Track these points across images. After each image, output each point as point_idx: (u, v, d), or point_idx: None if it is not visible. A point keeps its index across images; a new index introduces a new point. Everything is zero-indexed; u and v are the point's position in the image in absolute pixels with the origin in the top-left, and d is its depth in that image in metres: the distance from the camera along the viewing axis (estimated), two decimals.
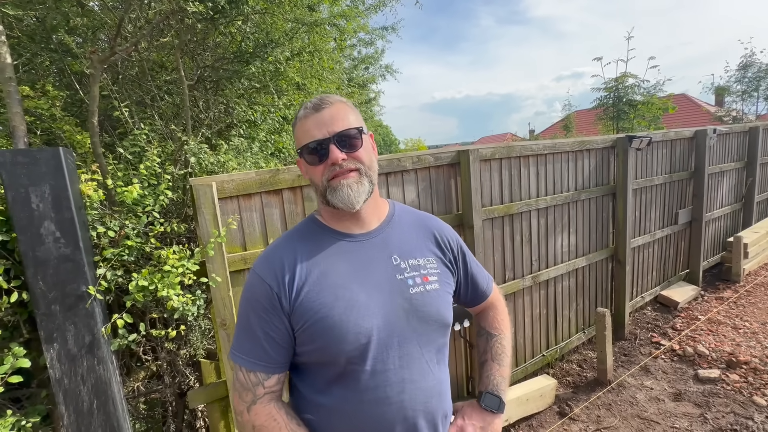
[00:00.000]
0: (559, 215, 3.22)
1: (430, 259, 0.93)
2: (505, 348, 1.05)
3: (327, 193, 0.85)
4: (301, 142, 0.86)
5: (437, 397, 0.88)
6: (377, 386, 0.81)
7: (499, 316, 1.10)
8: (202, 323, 2.19)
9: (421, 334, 0.86)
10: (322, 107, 0.85)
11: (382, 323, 0.82)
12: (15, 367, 1.30)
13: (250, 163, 2.65)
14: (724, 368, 3.07)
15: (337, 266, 0.85)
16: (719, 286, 4.61)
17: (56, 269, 1.39)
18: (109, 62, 2.13)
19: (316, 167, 0.86)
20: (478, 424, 0.95)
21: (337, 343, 0.79)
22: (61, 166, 1.39)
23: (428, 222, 1.01)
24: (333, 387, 0.83)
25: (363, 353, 0.80)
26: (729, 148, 5.05)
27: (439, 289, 0.91)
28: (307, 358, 0.85)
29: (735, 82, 10.92)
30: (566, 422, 2.68)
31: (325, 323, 0.80)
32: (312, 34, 3.54)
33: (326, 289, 0.82)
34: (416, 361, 0.85)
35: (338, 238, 0.89)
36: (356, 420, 0.82)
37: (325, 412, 0.84)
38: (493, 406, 0.96)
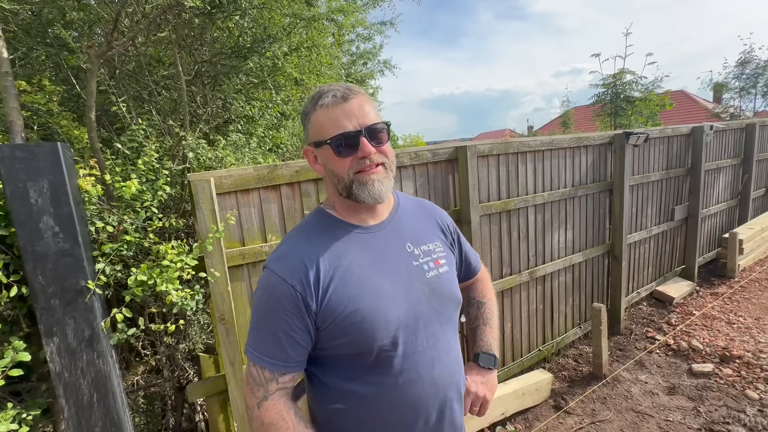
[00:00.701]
0: (556, 211, 3.24)
1: (437, 243, 0.99)
2: (494, 313, 1.17)
3: (353, 187, 0.84)
4: (328, 131, 0.82)
5: (459, 368, 0.97)
6: (410, 368, 0.86)
7: (486, 287, 1.21)
8: (200, 318, 2.20)
9: (441, 314, 0.92)
10: (350, 97, 0.83)
11: (408, 309, 0.86)
12: (15, 360, 1.31)
13: (248, 159, 2.65)
14: (718, 362, 3.11)
15: (359, 259, 0.87)
16: (714, 281, 4.65)
17: (55, 264, 1.39)
18: (106, 57, 2.12)
19: (343, 159, 0.83)
20: (479, 380, 1.05)
21: (371, 334, 0.81)
22: (59, 161, 1.39)
23: (428, 207, 1.08)
24: (366, 375, 0.85)
25: (394, 340, 0.84)
26: (725, 145, 5.07)
27: (449, 270, 0.97)
28: (337, 351, 0.85)
29: (733, 78, 10.95)
30: (562, 416, 2.71)
31: (356, 316, 0.81)
32: (310, 29, 3.53)
33: (352, 283, 0.83)
34: (440, 339, 0.90)
35: (353, 230, 0.90)
36: (394, 402, 0.86)
37: (358, 399, 0.86)
38: (489, 364, 1.08)
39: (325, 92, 0.84)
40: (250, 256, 1.91)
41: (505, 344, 3.04)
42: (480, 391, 1.04)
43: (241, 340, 1.92)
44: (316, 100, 0.85)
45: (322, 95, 0.84)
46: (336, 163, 0.84)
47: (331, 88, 0.85)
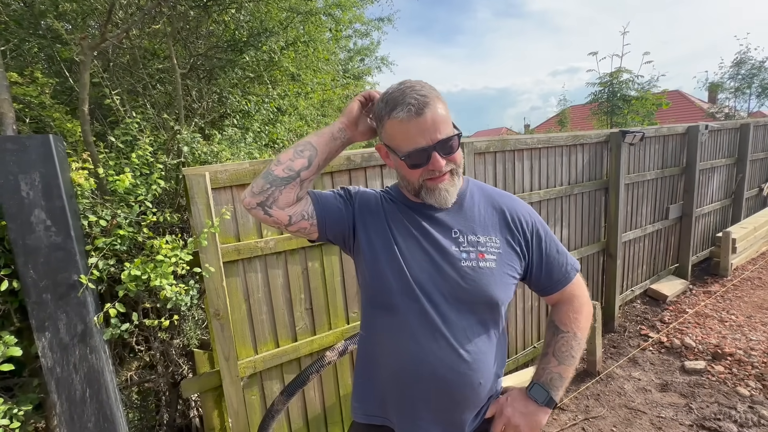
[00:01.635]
0: (552, 209, 3.25)
1: (492, 238, 0.96)
2: (572, 348, 0.98)
3: (422, 192, 0.93)
4: (401, 146, 0.88)
5: (472, 370, 0.91)
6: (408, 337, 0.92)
7: (573, 314, 1.01)
8: (195, 313, 2.19)
9: (465, 302, 0.92)
10: (425, 111, 0.84)
11: (425, 280, 0.91)
12: (6, 355, 1.30)
13: (244, 154, 2.63)
14: (710, 360, 3.14)
15: (402, 225, 0.97)
16: (707, 280, 4.70)
17: (47, 258, 1.38)
18: (99, 49, 2.09)
19: (413, 171, 0.90)
20: (519, 408, 0.96)
21: (388, 285, 0.93)
22: (51, 153, 1.37)
23: (501, 200, 1.03)
24: (383, 316, 0.96)
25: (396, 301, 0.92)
26: (720, 145, 5.11)
27: (495, 268, 0.93)
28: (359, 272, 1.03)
29: (729, 78, 11.01)
30: (555, 412, 2.73)
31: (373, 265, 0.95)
32: (307, 23, 3.50)
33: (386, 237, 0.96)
34: (456, 324, 0.91)
35: (412, 206, 1.00)
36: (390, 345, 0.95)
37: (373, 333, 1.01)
38: (539, 398, 0.95)
39: (400, 102, 0.85)
40: (246, 252, 1.89)
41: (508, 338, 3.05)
42: (515, 418, 0.94)
43: (236, 335, 1.91)
44: (391, 107, 0.86)
45: (398, 105, 0.85)
46: (408, 173, 0.92)
47: (406, 95, 0.85)
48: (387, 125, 0.90)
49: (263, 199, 0.89)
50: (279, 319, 2.04)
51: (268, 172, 0.90)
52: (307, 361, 2.13)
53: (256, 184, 0.90)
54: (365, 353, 1.05)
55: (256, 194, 0.90)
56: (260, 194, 0.89)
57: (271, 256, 1.99)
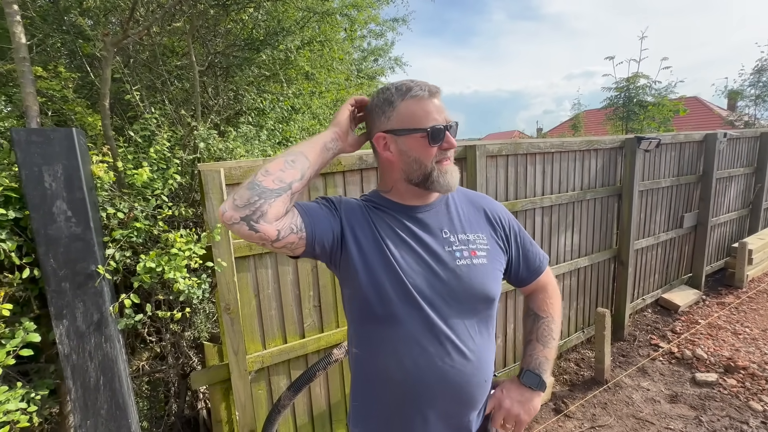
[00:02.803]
0: (563, 214, 3.22)
1: (479, 235, 0.99)
2: (552, 331, 1.06)
3: (434, 173, 0.92)
4: (422, 121, 0.89)
5: (475, 362, 0.93)
6: (410, 343, 0.89)
7: (549, 300, 1.10)
8: (206, 307, 2.22)
9: (462, 302, 0.92)
10: (436, 94, 0.91)
11: (424, 286, 0.90)
12: (26, 341, 1.34)
13: (258, 151, 2.66)
14: (722, 372, 3.08)
15: (387, 231, 0.94)
16: (721, 291, 4.60)
17: (67, 248, 1.42)
18: (121, 45, 2.14)
19: (430, 149, 0.90)
20: (516, 397, 1.00)
21: (382, 292, 0.89)
22: (73, 146, 1.41)
23: (480, 200, 1.08)
24: (377, 325, 0.92)
25: (402, 310, 0.89)
26: (739, 153, 5.00)
27: (487, 264, 0.96)
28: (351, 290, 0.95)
29: (749, 86, 10.76)
30: (561, 419, 2.71)
31: (368, 276, 0.90)
32: (323, 23, 3.53)
33: (376, 243, 0.92)
34: (458, 324, 0.91)
35: (399, 208, 0.98)
36: (395, 358, 0.90)
37: (370, 345, 0.95)
38: (532, 384, 1.00)
39: (413, 85, 0.91)
40: (257, 248, 1.92)
41: (506, 346, 3.04)
42: (514, 409, 0.98)
43: (245, 330, 1.94)
44: (405, 90, 0.91)
45: (413, 87, 0.91)
46: (424, 151, 0.91)
47: (418, 82, 0.92)
48: (401, 106, 0.91)
49: (249, 212, 0.78)
50: (287, 315, 2.07)
51: (254, 183, 0.80)
52: (314, 358, 2.15)
53: (239, 197, 0.79)
54: (362, 373, 1.00)
55: (240, 207, 0.78)
56: (245, 207, 0.78)
57: None
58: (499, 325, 2.96)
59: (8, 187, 1.39)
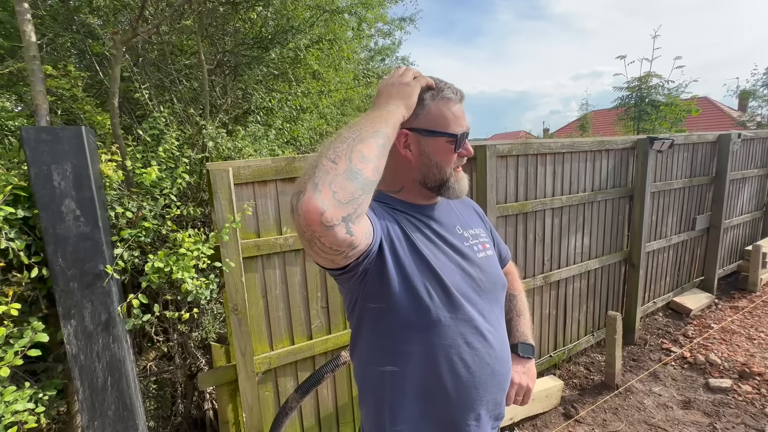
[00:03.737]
0: (573, 216, 3.17)
1: (480, 230, 1.05)
2: (525, 304, 1.20)
3: (450, 181, 0.92)
4: (451, 125, 0.88)
5: (506, 348, 0.98)
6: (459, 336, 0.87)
7: (516, 280, 1.24)
8: (214, 307, 2.21)
9: (490, 292, 0.95)
10: (463, 98, 0.91)
11: (460, 283, 0.90)
12: (34, 340, 1.33)
13: (266, 150, 2.65)
14: (737, 378, 3.01)
15: (418, 234, 0.90)
16: (734, 294, 4.52)
17: (75, 247, 1.40)
18: (130, 44, 2.13)
19: (453, 155, 0.90)
20: (520, 370, 1.07)
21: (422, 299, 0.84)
22: (83, 145, 1.40)
23: (466, 199, 1.12)
24: (415, 334, 0.85)
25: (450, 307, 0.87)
26: (753, 154, 4.91)
27: (493, 255, 1.03)
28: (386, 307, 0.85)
29: (762, 86, 10.58)
30: (571, 424, 2.66)
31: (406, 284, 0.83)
32: (331, 22, 3.50)
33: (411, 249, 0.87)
34: (490, 314, 0.94)
35: (412, 209, 0.95)
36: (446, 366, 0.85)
37: (407, 359, 0.85)
38: (528, 353, 1.10)
39: (444, 86, 0.89)
40: (265, 248, 1.90)
41: None
42: (523, 381, 1.06)
43: (253, 331, 1.92)
44: (438, 89, 0.88)
45: (444, 89, 0.88)
46: (446, 157, 0.90)
47: (448, 83, 0.90)
48: (432, 106, 0.87)
49: (351, 210, 0.62)
50: (295, 316, 2.05)
51: (355, 171, 0.63)
52: (322, 359, 2.13)
53: (341, 188, 0.61)
54: (402, 391, 0.86)
55: (344, 204, 0.61)
56: (349, 204, 0.62)
57: (290, 253, 1.99)
58: None
59: (17, 186, 1.38)
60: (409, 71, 0.85)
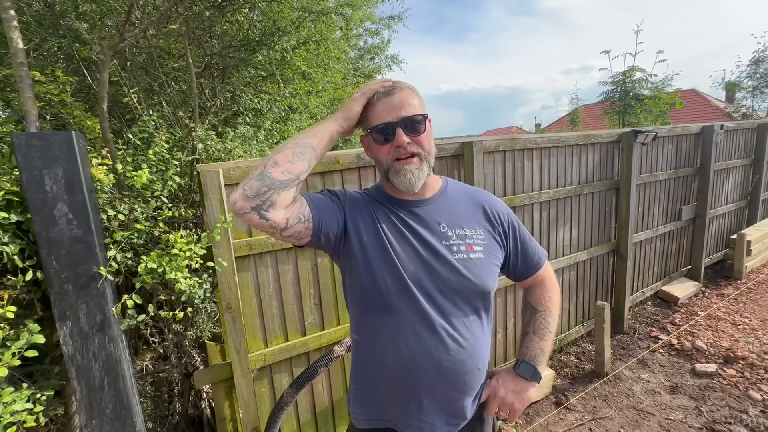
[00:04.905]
0: (561, 209, 3.23)
1: (477, 231, 1.01)
2: (549, 324, 1.09)
3: (390, 173, 0.96)
4: (371, 122, 0.95)
5: (469, 357, 0.96)
6: (407, 335, 0.93)
7: (547, 294, 1.12)
8: (208, 306, 2.24)
9: (458, 293, 0.95)
10: (394, 92, 0.94)
11: (420, 277, 0.93)
12: (30, 342, 1.36)
13: (256, 151, 2.68)
14: (722, 363, 3.10)
15: (389, 220, 0.98)
16: (720, 282, 4.62)
17: (69, 250, 1.43)
18: (118, 48, 2.15)
19: (382, 147, 0.95)
20: (510, 387, 1.03)
21: (380, 281, 0.92)
22: (73, 149, 1.42)
23: (479, 196, 1.09)
24: (376, 315, 0.96)
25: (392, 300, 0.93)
26: (736, 145, 5.01)
27: (483, 258, 0.98)
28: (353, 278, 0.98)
29: (746, 77, 10.76)
30: (562, 411, 2.73)
31: (367, 267, 0.94)
32: (318, 23, 3.53)
33: (376, 233, 0.96)
34: (453, 314, 0.95)
35: (395, 202, 1.01)
36: (395, 348, 0.94)
37: (369, 335, 0.99)
38: (527, 374, 1.03)
39: (381, 87, 0.97)
40: (257, 247, 1.94)
41: (507, 340, 3.06)
42: (508, 397, 1.02)
43: (247, 328, 1.96)
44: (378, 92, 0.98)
45: (379, 89, 0.96)
46: (377, 150, 0.97)
47: (386, 84, 0.97)
48: (369, 109, 0.97)
49: (260, 202, 0.82)
50: (289, 313, 2.08)
51: (264, 174, 0.83)
52: (316, 355, 2.17)
53: (249, 187, 0.82)
54: (362, 358, 1.04)
55: (250, 197, 0.81)
56: (255, 198, 0.81)
57: (282, 252, 2.03)
58: (500, 320, 2.98)
59: (10, 191, 1.40)
60: (369, 88, 0.97)
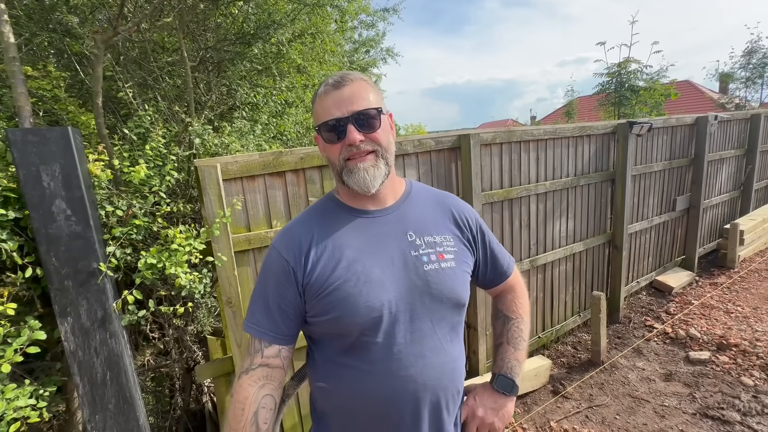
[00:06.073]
0: (558, 200, 3.25)
1: (446, 237, 0.92)
2: (522, 332, 1.03)
3: (343, 174, 0.86)
4: (320, 119, 0.85)
5: (449, 374, 0.88)
6: (388, 359, 0.82)
7: (518, 300, 1.07)
8: (208, 301, 2.25)
9: (434, 311, 0.86)
10: (343, 84, 0.84)
11: (394, 298, 0.83)
12: (31, 339, 1.36)
13: (253, 146, 2.67)
14: (715, 350, 3.16)
15: (352, 241, 0.86)
16: (714, 272, 4.69)
17: (68, 246, 1.43)
18: (111, 43, 2.12)
19: (333, 146, 0.85)
20: (489, 405, 0.96)
21: (351, 316, 0.81)
22: (70, 145, 1.41)
23: (446, 200, 1.01)
24: (346, 358, 0.85)
25: (375, 326, 0.82)
26: (730, 136, 5.05)
27: (455, 267, 0.89)
28: (323, 328, 0.86)
29: (740, 68, 10.81)
30: (559, 400, 2.78)
31: (338, 295, 0.81)
32: (314, 15, 3.50)
33: (341, 263, 0.84)
34: (428, 337, 0.85)
35: (354, 215, 0.90)
36: (368, 391, 0.83)
37: (338, 380, 0.86)
38: (505, 389, 0.97)
39: (323, 82, 0.87)
40: (256, 242, 1.94)
41: None
42: (488, 417, 0.95)
43: None
44: (317, 90, 0.89)
45: (321, 85, 0.87)
46: (328, 149, 0.87)
47: (331, 77, 0.87)
48: (314, 107, 0.89)
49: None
50: None
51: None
52: None
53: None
54: (327, 409, 0.91)
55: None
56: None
57: None
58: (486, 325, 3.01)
59: (6, 188, 1.39)
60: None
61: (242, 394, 0.84)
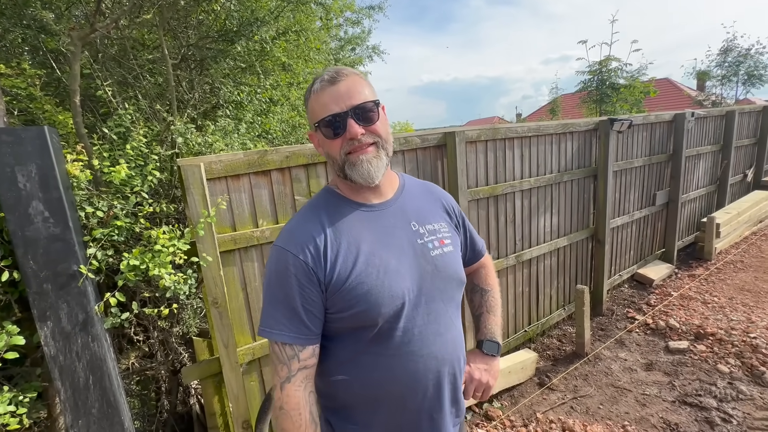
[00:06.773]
0: (542, 196, 3.31)
1: (442, 224, 1.00)
2: (497, 301, 1.18)
3: (345, 168, 0.87)
4: (318, 115, 0.86)
5: (460, 345, 0.99)
6: (410, 341, 0.88)
7: (491, 274, 1.22)
8: (194, 302, 2.22)
9: (443, 292, 0.94)
10: (338, 80, 0.85)
11: (411, 285, 0.88)
12: (9, 344, 1.32)
13: (238, 144, 2.64)
14: (693, 340, 3.27)
15: (365, 235, 0.89)
16: (692, 264, 4.84)
17: (46, 249, 1.39)
18: (88, 40, 2.07)
19: (333, 141, 0.86)
20: (483, 367, 1.08)
21: (376, 307, 0.84)
22: (46, 145, 1.38)
23: (433, 189, 1.10)
24: (368, 347, 0.88)
25: (398, 314, 0.87)
26: (706, 132, 5.21)
27: (453, 251, 0.98)
28: (342, 323, 0.88)
29: (716, 66, 11.12)
30: (545, 392, 2.83)
31: (361, 289, 0.84)
32: (297, 12, 3.47)
33: (359, 257, 0.86)
34: (442, 316, 0.93)
35: (358, 208, 0.93)
36: (393, 374, 0.89)
37: (359, 370, 0.90)
38: (493, 351, 1.10)
39: (317, 78, 0.88)
40: (242, 241, 1.92)
41: None
42: (483, 377, 1.07)
43: (235, 323, 1.95)
44: (310, 86, 0.90)
45: (315, 81, 0.88)
46: (328, 145, 0.88)
47: (325, 72, 0.88)
48: (309, 105, 0.90)
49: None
50: None
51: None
52: None
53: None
54: (350, 398, 0.93)
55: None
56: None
57: (267, 245, 2.02)
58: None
59: None
60: None
61: (293, 401, 0.85)
